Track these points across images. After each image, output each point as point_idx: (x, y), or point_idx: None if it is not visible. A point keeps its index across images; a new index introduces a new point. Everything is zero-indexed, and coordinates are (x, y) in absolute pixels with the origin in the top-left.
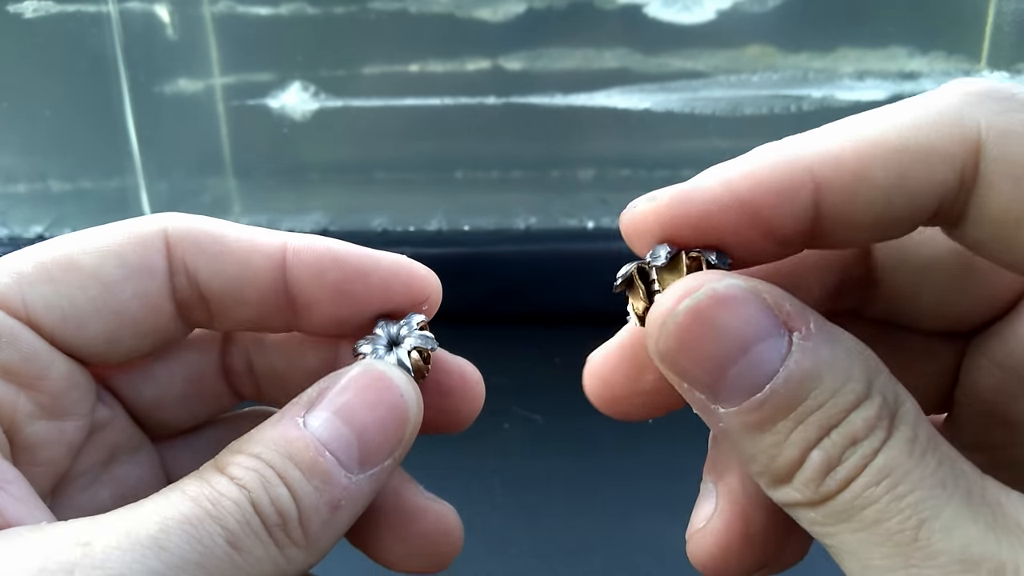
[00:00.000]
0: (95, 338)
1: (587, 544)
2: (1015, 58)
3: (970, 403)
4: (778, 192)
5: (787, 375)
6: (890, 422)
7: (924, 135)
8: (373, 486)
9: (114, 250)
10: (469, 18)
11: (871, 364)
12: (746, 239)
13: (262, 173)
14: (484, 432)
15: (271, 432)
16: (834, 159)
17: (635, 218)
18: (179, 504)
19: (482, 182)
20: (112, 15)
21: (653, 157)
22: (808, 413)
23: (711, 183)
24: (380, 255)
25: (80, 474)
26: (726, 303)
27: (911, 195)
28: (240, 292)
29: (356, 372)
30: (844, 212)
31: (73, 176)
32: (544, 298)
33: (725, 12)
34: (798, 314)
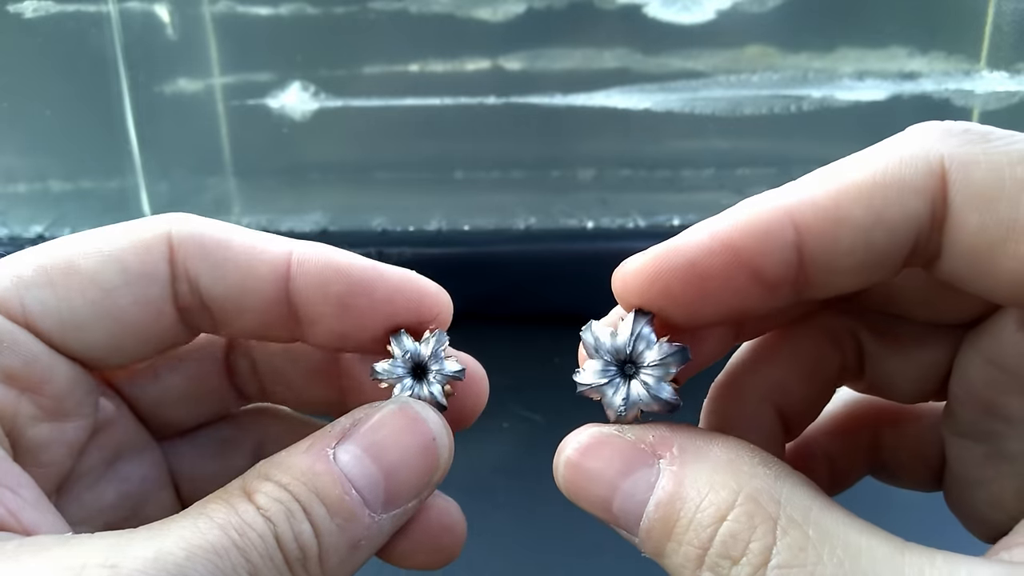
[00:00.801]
0: (95, 343)
1: (587, 544)
2: (1015, 58)
3: (965, 395)
4: (761, 235)
5: (656, 501)
6: (771, 526)
7: (894, 171)
8: (394, 525)
9: (115, 255)
10: (469, 18)
11: (743, 471)
12: (735, 286)
13: (262, 173)
14: (484, 432)
15: (300, 461)
16: (812, 203)
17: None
18: (207, 532)
19: (482, 182)
20: (112, 15)
21: (653, 157)
22: (683, 533)
23: (698, 234)
24: (387, 269)
25: (85, 473)
26: (589, 451)
27: (889, 232)
28: (242, 301)
29: (391, 410)
30: (826, 255)
31: (73, 176)
32: (544, 298)
33: (725, 12)
34: (662, 441)
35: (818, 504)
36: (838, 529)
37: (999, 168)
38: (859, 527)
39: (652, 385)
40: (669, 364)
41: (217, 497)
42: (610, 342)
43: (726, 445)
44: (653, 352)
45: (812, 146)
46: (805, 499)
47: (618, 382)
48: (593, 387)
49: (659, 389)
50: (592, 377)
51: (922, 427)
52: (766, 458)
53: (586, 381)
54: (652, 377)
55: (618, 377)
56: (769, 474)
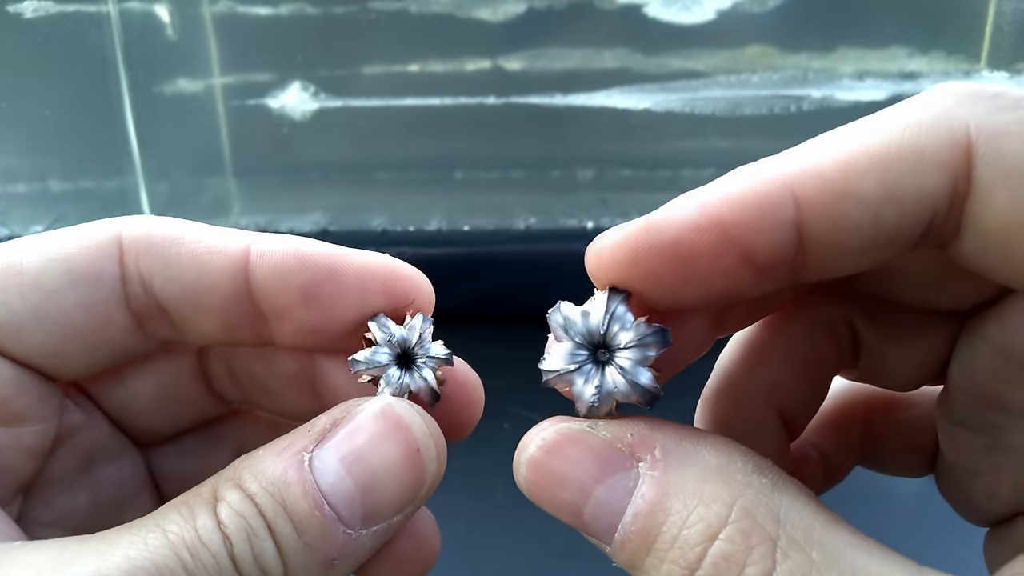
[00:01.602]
0: (37, 347)
1: (587, 544)
2: (1015, 58)
3: (965, 384)
4: (756, 211)
5: (634, 511)
6: (771, 548)
7: (912, 140)
8: (377, 541)
9: (61, 256)
10: (469, 18)
11: (736, 479)
12: (724, 267)
13: (262, 173)
14: (484, 432)
15: (272, 467)
16: (815, 174)
17: (602, 251)
18: (155, 549)
19: (482, 182)
20: (112, 15)
21: (653, 157)
22: (665, 550)
23: (685, 207)
24: (355, 254)
25: (56, 478)
26: (555, 449)
27: (902, 209)
28: (199, 300)
29: (371, 413)
30: (830, 234)
31: (73, 176)
32: (544, 298)
33: (725, 12)
34: (642, 441)
35: (821, 521)
36: (845, 552)
37: None
38: (867, 548)
39: (628, 370)
40: (648, 346)
41: (183, 503)
42: (582, 322)
43: (716, 448)
44: (630, 333)
45: None
46: (807, 515)
47: (589, 369)
48: (561, 374)
49: (636, 374)
50: (559, 362)
51: (914, 415)
52: (760, 464)
53: (552, 367)
54: (629, 360)
55: (589, 363)
56: (765, 484)
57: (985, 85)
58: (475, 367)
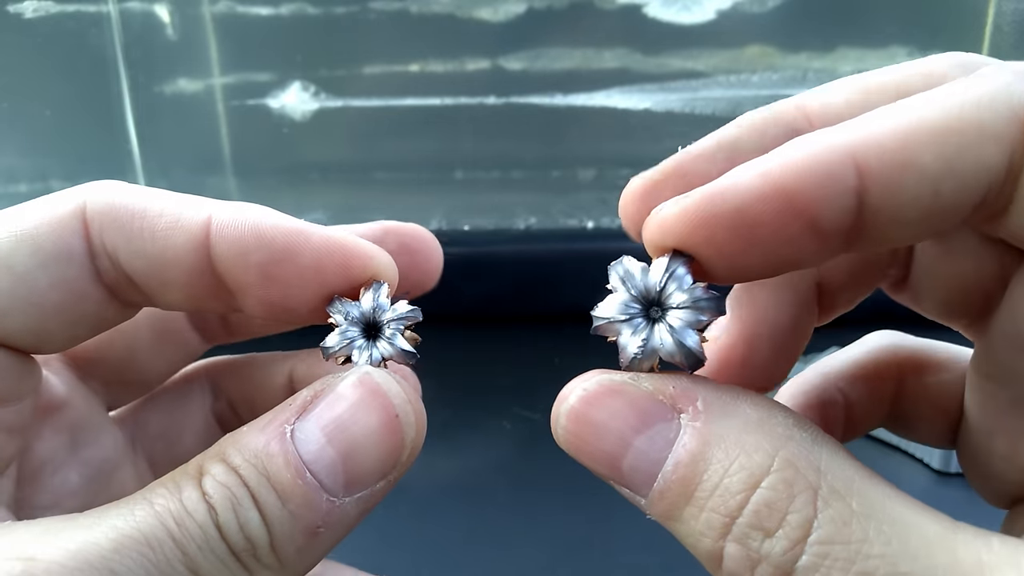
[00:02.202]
0: (17, 330)
1: (587, 543)
2: (1015, 58)
3: (1008, 327)
4: (821, 179)
5: (675, 460)
6: (812, 496)
7: (971, 115)
8: (361, 509)
9: (28, 235)
10: (469, 18)
11: (777, 432)
12: (787, 235)
13: (262, 173)
14: (484, 432)
15: (255, 440)
16: (877, 144)
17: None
18: (141, 520)
19: (482, 182)
20: (112, 15)
21: (653, 157)
22: (705, 498)
23: (748, 176)
24: (313, 232)
25: (47, 459)
26: (597, 401)
27: (960, 181)
28: (164, 274)
29: (349, 383)
30: (889, 204)
31: (73, 176)
32: (544, 298)
33: (725, 12)
34: (684, 394)
35: (860, 474)
36: (885, 503)
37: None
38: (905, 502)
39: (678, 330)
40: (702, 309)
41: (169, 479)
42: (641, 277)
43: (756, 403)
44: (685, 295)
45: None
46: (847, 468)
47: (639, 322)
48: (611, 321)
49: (684, 335)
50: (612, 310)
51: (945, 378)
52: (800, 420)
53: (604, 314)
54: (680, 321)
55: (640, 317)
56: (806, 437)
57: None
58: (475, 367)
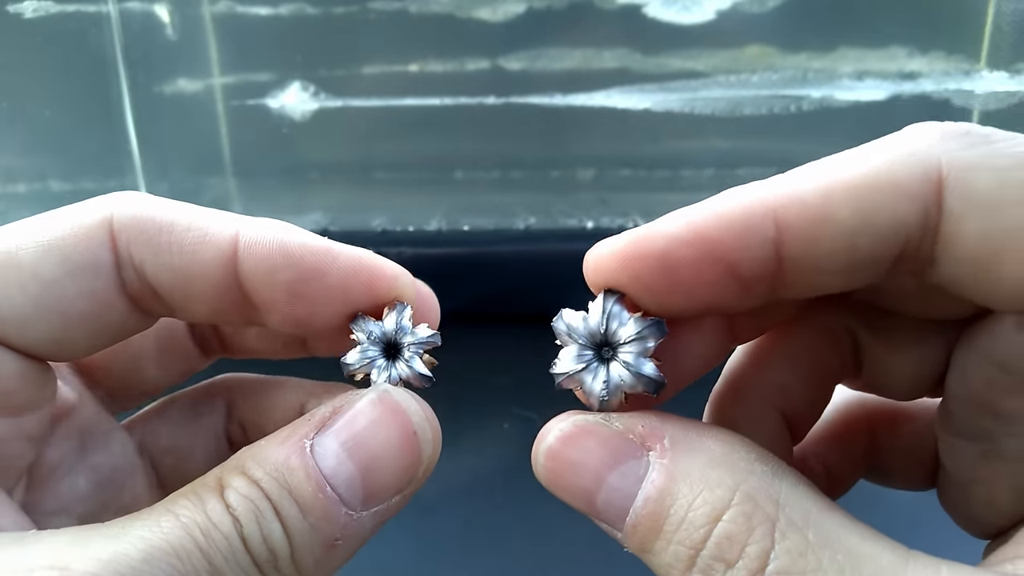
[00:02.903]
0: (41, 338)
1: (587, 543)
2: (1014, 58)
3: (962, 393)
4: (739, 230)
5: (644, 496)
6: (770, 528)
7: (887, 173)
8: (377, 522)
9: (56, 245)
10: (469, 18)
11: (739, 467)
12: (708, 279)
13: (262, 173)
14: (484, 432)
15: (276, 453)
16: (798, 199)
17: (598, 259)
18: (168, 532)
19: (482, 182)
20: (112, 15)
21: (653, 157)
22: (673, 532)
23: (673, 222)
24: (340, 252)
25: (56, 464)
26: (572, 440)
27: (876, 236)
28: (189, 288)
29: (369, 400)
30: (807, 255)
31: (73, 176)
32: (544, 298)
33: (725, 12)
34: (652, 432)
35: (818, 506)
36: (839, 533)
37: (1002, 173)
38: (861, 532)
39: (632, 363)
40: (646, 338)
41: (190, 491)
42: (583, 326)
43: (720, 438)
44: (628, 328)
45: (812, 146)
46: (805, 500)
47: (596, 366)
48: (571, 375)
49: (639, 365)
50: (569, 364)
51: (917, 427)
52: (763, 454)
53: (562, 369)
54: (631, 354)
55: (595, 361)
56: (767, 471)
57: (957, 125)
58: (475, 367)
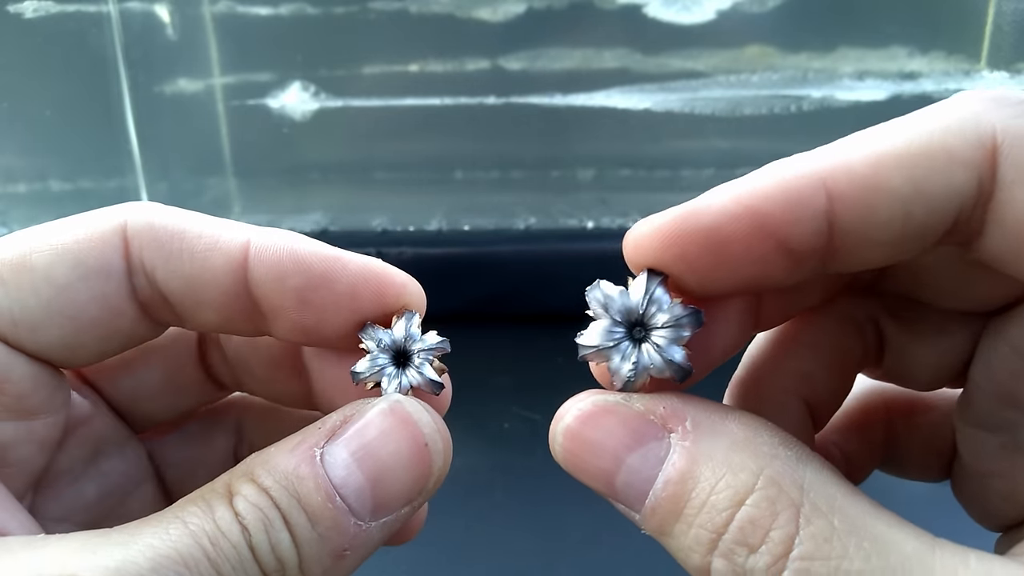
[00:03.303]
0: (52, 342)
1: (588, 544)
2: (1015, 58)
3: (985, 384)
4: (791, 202)
5: (665, 478)
6: (795, 513)
7: (940, 141)
8: (385, 533)
9: (69, 249)
10: (469, 18)
11: (763, 451)
12: (759, 255)
13: (262, 173)
14: (484, 432)
15: (286, 461)
16: (847, 169)
17: (640, 237)
18: (177, 539)
19: (482, 182)
20: (112, 15)
21: (653, 157)
22: (694, 515)
23: (720, 197)
24: (349, 260)
25: (65, 470)
26: (591, 420)
27: (930, 205)
28: (200, 294)
29: (381, 410)
30: (860, 226)
31: (73, 176)
32: (544, 298)
33: (725, 12)
34: (674, 414)
35: (843, 491)
36: (865, 520)
37: None
38: (887, 519)
39: (664, 348)
40: (683, 326)
41: (199, 497)
42: (620, 300)
43: (743, 421)
44: (666, 314)
45: (812, 146)
46: (830, 485)
47: (626, 346)
48: (599, 349)
49: (671, 352)
50: (598, 338)
51: (934, 417)
52: (786, 438)
53: (591, 343)
54: (664, 339)
55: (626, 340)
56: (791, 456)
57: (1012, 91)
58: (475, 367)
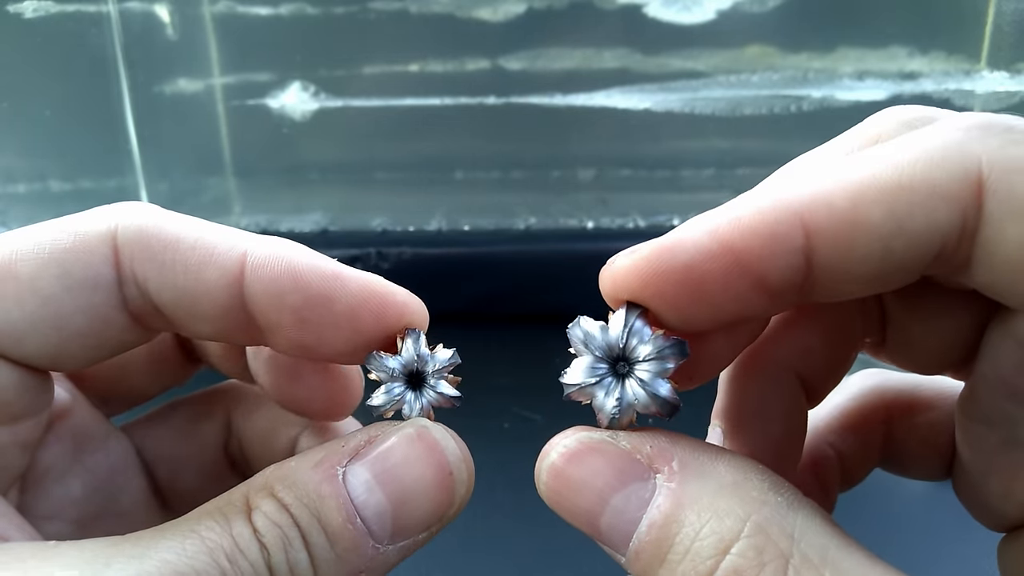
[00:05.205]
0: (38, 352)
1: (587, 544)
2: (1015, 58)
3: (990, 375)
4: (767, 239)
5: (649, 521)
6: (783, 565)
7: (923, 173)
8: (401, 556)
9: (56, 258)
10: (469, 18)
11: (751, 496)
12: (735, 292)
13: (262, 173)
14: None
15: (308, 478)
16: (826, 203)
17: (616, 273)
18: (194, 555)
19: (482, 182)
20: (112, 15)
21: (653, 157)
22: (677, 561)
23: (696, 233)
24: (348, 277)
25: (49, 467)
26: (576, 458)
27: (911, 240)
28: (194, 307)
29: (408, 435)
30: (839, 262)
31: (73, 176)
32: (544, 298)
33: (725, 12)
34: (660, 454)
35: (836, 542)
36: (857, 573)
37: None
38: (881, 572)
39: (648, 382)
40: (667, 358)
41: (216, 510)
42: (601, 337)
43: (733, 464)
44: (648, 346)
45: (812, 146)
46: (822, 535)
47: (610, 382)
48: (582, 387)
49: (656, 386)
50: (581, 376)
51: (934, 416)
52: (777, 482)
53: (574, 381)
54: (648, 373)
55: (609, 376)
56: (781, 502)
57: (999, 117)
58: (475, 367)
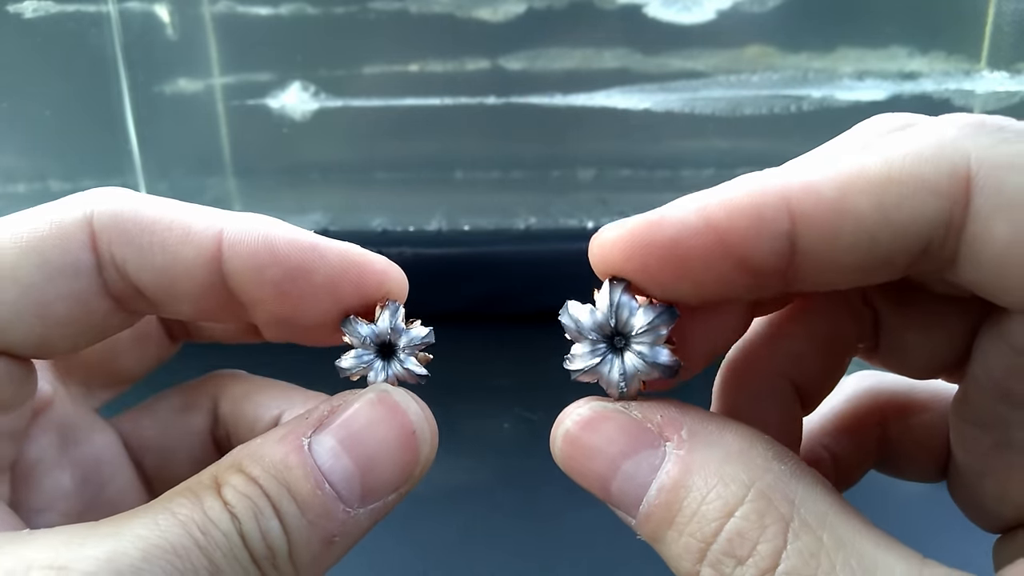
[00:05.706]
0: (21, 340)
1: (587, 544)
2: (1015, 58)
3: (983, 377)
4: (752, 220)
5: (658, 486)
6: (783, 528)
7: (912, 167)
8: (373, 519)
9: (34, 246)
10: (469, 18)
11: (756, 463)
12: (718, 271)
13: (262, 173)
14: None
15: (274, 451)
16: (814, 191)
17: (603, 244)
18: (167, 530)
19: (482, 182)
20: (112, 15)
21: (653, 157)
22: (685, 523)
23: (683, 209)
24: (328, 249)
25: (37, 460)
26: (590, 425)
27: (897, 232)
28: (174, 287)
29: (368, 399)
30: (823, 249)
31: (73, 176)
32: (544, 298)
33: (725, 12)
34: (670, 423)
35: (834, 508)
36: (854, 538)
37: None
38: (876, 538)
39: (646, 352)
40: (658, 327)
41: (186, 489)
42: (590, 319)
43: (739, 433)
44: (639, 318)
45: (812, 146)
46: (821, 502)
47: (611, 358)
48: (586, 370)
49: (655, 354)
50: (582, 360)
51: (928, 418)
52: (781, 452)
53: (577, 366)
54: (644, 344)
55: (609, 353)
56: (784, 470)
57: (992, 118)
58: (475, 367)
